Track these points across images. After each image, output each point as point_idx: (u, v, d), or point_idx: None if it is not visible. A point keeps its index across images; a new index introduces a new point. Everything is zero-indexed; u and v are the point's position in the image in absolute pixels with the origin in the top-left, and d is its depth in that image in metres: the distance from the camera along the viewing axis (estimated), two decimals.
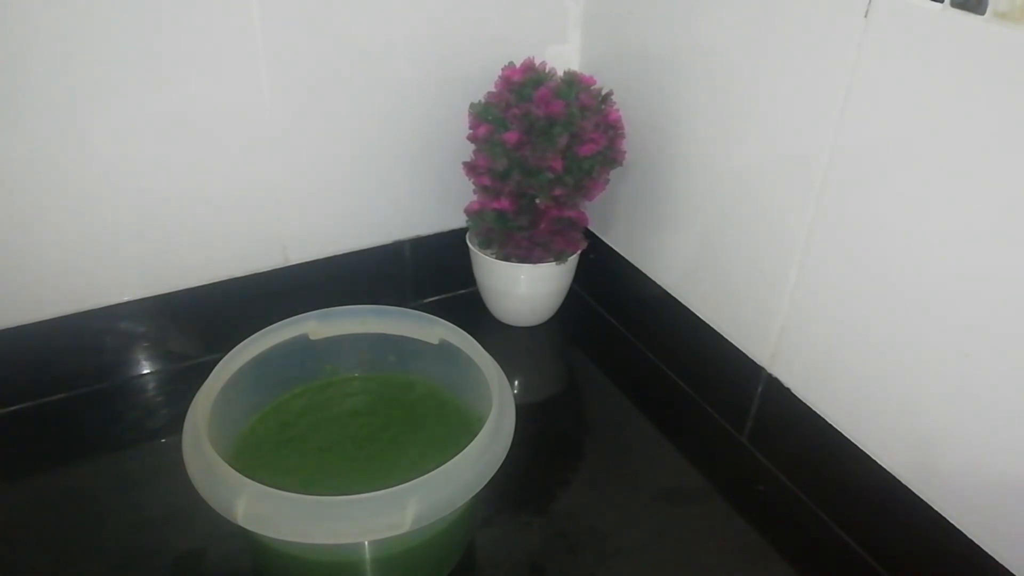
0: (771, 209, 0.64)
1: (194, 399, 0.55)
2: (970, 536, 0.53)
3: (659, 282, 0.80)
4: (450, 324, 0.62)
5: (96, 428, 0.71)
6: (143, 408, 0.74)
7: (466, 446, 0.50)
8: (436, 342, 0.62)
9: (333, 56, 0.72)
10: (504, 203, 0.75)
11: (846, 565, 0.61)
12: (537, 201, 0.76)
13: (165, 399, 0.75)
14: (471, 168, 0.77)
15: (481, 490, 0.50)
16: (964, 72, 0.47)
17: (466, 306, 0.89)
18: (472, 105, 0.76)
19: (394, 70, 0.75)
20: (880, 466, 0.59)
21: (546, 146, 0.71)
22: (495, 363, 0.59)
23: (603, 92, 0.75)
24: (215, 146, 0.71)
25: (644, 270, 0.82)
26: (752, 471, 0.70)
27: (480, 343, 0.60)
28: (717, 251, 0.71)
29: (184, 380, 0.74)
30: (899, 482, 0.58)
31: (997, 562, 0.52)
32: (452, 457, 0.49)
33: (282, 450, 0.58)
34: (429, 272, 0.89)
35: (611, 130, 0.75)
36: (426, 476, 0.47)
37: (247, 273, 0.78)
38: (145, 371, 0.77)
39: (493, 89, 0.76)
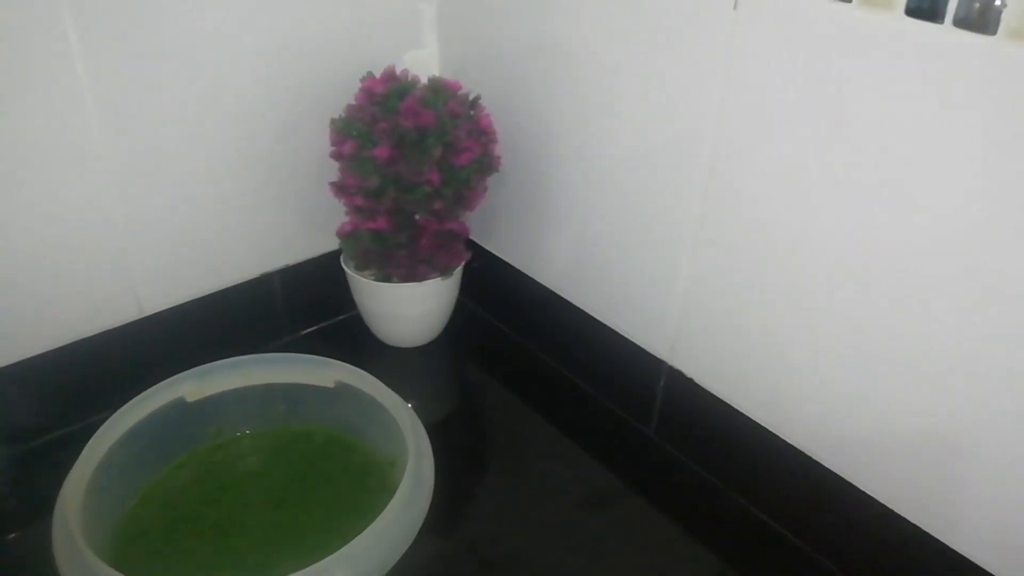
0: (654, 201, 0.64)
1: (62, 491, 0.47)
2: (873, 495, 0.56)
3: (547, 284, 0.78)
4: (344, 364, 0.58)
5: None
6: None
7: (382, 496, 0.46)
8: (332, 385, 0.57)
9: (168, 81, 0.64)
10: (381, 222, 0.71)
11: (769, 544, 0.63)
12: (416, 217, 0.72)
13: (13, 485, 0.65)
14: (340, 188, 0.72)
15: None
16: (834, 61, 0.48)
17: (347, 332, 0.84)
18: (333, 121, 0.70)
19: (240, 90, 0.69)
20: (787, 443, 0.60)
21: (420, 159, 0.67)
22: (400, 399, 0.55)
23: (470, 97, 0.72)
24: (47, 196, 0.61)
25: (531, 274, 0.80)
26: (664, 464, 0.70)
27: (370, 371, 0.56)
28: (603, 248, 0.70)
29: (36, 460, 0.66)
30: (807, 456, 0.59)
31: (914, 525, 0.54)
32: (369, 512, 0.45)
33: (172, 535, 0.52)
34: (303, 302, 0.82)
35: (483, 136, 0.72)
36: (353, 542, 0.43)
37: (98, 331, 0.69)
38: None
39: (353, 102, 0.71)
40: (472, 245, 0.82)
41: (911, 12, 0.45)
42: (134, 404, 0.53)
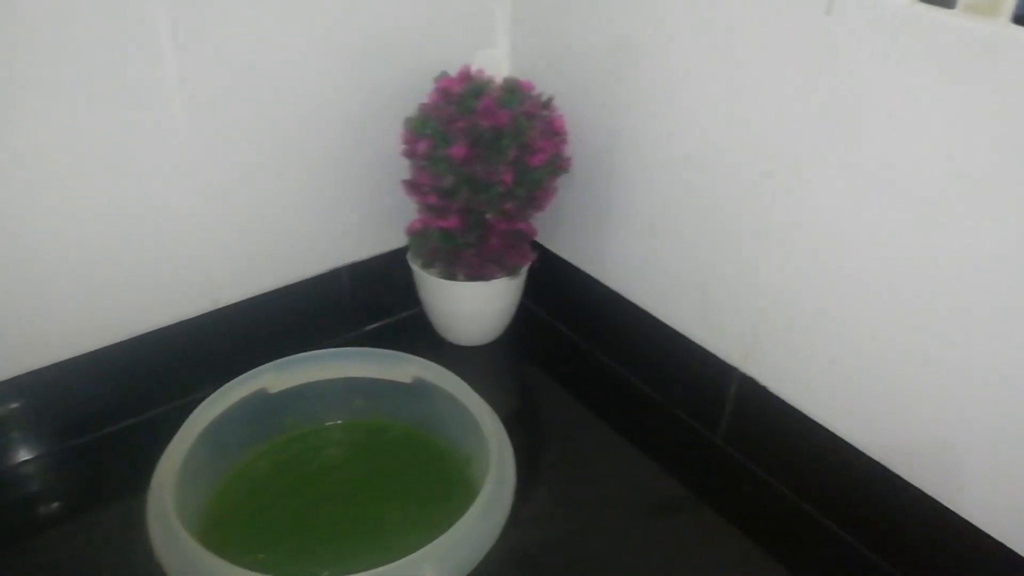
0: (731, 205, 0.63)
1: (155, 477, 0.48)
2: (966, 517, 0.54)
3: (612, 286, 0.78)
4: (423, 360, 0.58)
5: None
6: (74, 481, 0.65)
7: (460, 492, 0.46)
8: (409, 380, 0.58)
9: (249, 78, 0.65)
10: (452, 221, 0.71)
11: (844, 559, 0.62)
12: (487, 216, 0.72)
13: (99, 466, 0.66)
14: (413, 187, 0.72)
15: None
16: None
17: (411, 329, 0.85)
18: (407, 120, 0.71)
19: (315, 88, 0.69)
20: (868, 456, 0.59)
21: (496, 159, 0.68)
22: (478, 397, 0.55)
23: (544, 98, 0.72)
24: (126, 180, 0.62)
25: (595, 275, 0.80)
26: (732, 472, 0.69)
27: None
28: (674, 251, 0.70)
29: (115, 444, 0.67)
30: (885, 468, 0.58)
31: (998, 541, 0.53)
32: (446, 507, 0.45)
33: (256, 522, 0.52)
34: (368, 298, 0.83)
35: (556, 136, 0.72)
36: (440, 539, 0.43)
37: (174, 321, 0.70)
38: (71, 440, 0.68)
39: (426, 101, 0.71)
40: (535, 246, 0.82)
41: (1019, 20, 0.44)
42: (220, 394, 0.53)
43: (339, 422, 0.60)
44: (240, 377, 0.55)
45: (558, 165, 0.72)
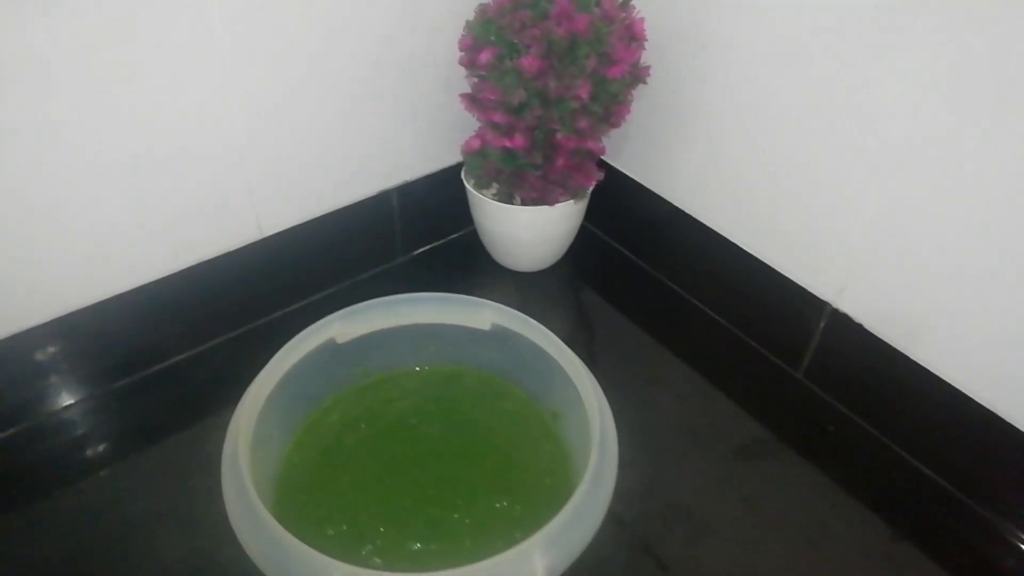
0: (835, 122, 0.56)
1: (225, 446, 0.44)
2: None
3: (687, 209, 0.72)
4: (501, 306, 0.53)
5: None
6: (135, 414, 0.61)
7: (549, 451, 0.42)
8: (487, 327, 0.53)
9: None
10: (518, 141, 0.64)
11: (934, 501, 0.59)
12: (558, 136, 0.65)
13: (149, 405, 0.63)
14: (474, 102, 0.65)
15: None
16: None
17: (462, 253, 0.79)
18: (467, 24, 0.63)
19: None
20: (970, 397, 0.55)
21: (573, 71, 0.60)
22: (566, 347, 0.50)
23: None
24: (167, 100, 0.55)
25: (667, 196, 0.73)
26: (814, 410, 0.65)
27: (486, 295, 0.52)
28: (764, 174, 0.63)
29: (164, 382, 0.64)
30: (990, 412, 0.54)
31: None
32: (537, 469, 0.42)
33: (333, 484, 0.49)
34: (418, 221, 0.77)
35: (634, 42, 0.64)
36: (549, 525, 0.39)
37: (219, 253, 0.64)
38: (118, 381, 0.64)
39: (488, 1, 0.63)
40: (601, 164, 0.75)
41: None
42: (289, 349, 0.49)
43: (412, 370, 0.55)
44: (306, 330, 0.50)
45: (636, 75, 0.64)
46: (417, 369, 0.55)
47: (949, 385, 0.56)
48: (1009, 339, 0.52)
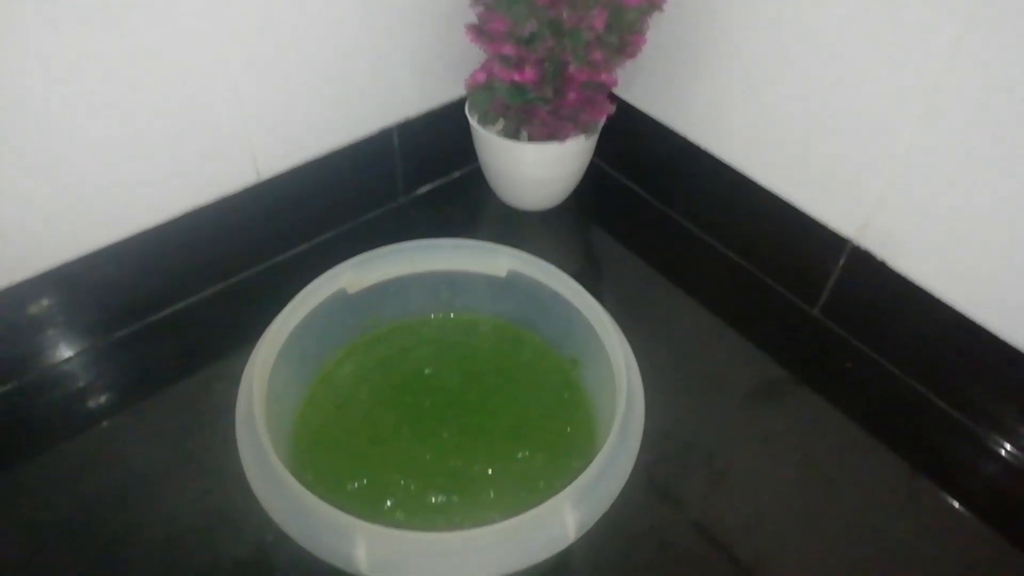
0: (869, 52, 0.53)
1: (238, 403, 0.42)
2: None
3: (702, 144, 0.69)
4: (517, 251, 0.51)
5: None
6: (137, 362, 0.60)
7: (570, 400, 0.43)
8: (503, 274, 0.51)
9: None
10: (528, 74, 0.61)
11: (949, 434, 0.58)
12: (570, 68, 0.61)
13: (149, 354, 0.61)
14: (481, 33, 0.61)
15: None
16: None
17: (465, 191, 0.76)
18: None
19: None
20: (999, 338, 0.54)
21: (588, 0, 0.56)
22: (587, 294, 0.49)
23: None
24: (161, 39, 0.51)
25: (680, 131, 0.71)
26: (831, 347, 0.64)
27: (490, 236, 0.50)
28: (784, 100, 0.61)
29: (163, 331, 0.62)
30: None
31: None
32: (559, 418, 0.44)
33: (350, 438, 0.47)
34: (420, 159, 0.74)
35: None
36: (579, 479, 0.38)
37: (216, 198, 0.62)
38: (116, 332, 0.62)
39: None
40: (611, 97, 0.72)
41: None
42: (299, 301, 0.46)
43: (426, 318, 0.53)
44: (315, 281, 0.48)
45: (652, 2, 0.61)
46: (432, 317, 0.53)
47: (971, 322, 0.55)
48: None
